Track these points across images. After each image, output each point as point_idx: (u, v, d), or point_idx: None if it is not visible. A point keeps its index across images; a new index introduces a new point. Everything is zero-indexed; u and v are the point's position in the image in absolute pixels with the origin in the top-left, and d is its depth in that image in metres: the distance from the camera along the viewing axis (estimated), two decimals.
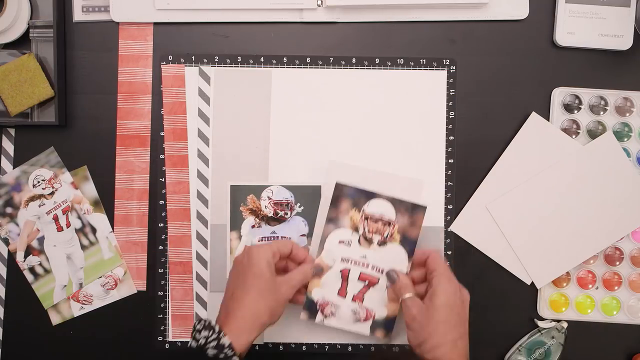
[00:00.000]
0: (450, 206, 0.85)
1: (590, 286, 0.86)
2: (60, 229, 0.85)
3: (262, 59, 0.85)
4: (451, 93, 0.85)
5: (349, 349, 0.85)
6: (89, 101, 0.85)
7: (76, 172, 0.85)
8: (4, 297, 0.85)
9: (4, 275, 0.85)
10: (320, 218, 0.84)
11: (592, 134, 0.85)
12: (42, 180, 0.85)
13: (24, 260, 0.85)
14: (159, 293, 0.85)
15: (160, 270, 0.85)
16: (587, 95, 0.85)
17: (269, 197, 0.84)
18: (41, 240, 0.85)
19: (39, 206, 0.85)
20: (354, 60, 0.85)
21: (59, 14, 0.83)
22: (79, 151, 0.85)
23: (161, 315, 0.85)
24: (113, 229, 0.85)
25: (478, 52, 0.86)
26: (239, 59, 0.85)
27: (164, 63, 0.85)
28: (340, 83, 0.85)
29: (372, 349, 0.85)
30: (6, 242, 0.85)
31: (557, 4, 0.84)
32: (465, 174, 0.85)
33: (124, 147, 0.85)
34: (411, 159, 0.85)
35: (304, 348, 0.85)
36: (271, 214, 0.85)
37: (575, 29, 0.84)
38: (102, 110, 0.85)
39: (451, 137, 0.85)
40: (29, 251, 0.85)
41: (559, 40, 0.85)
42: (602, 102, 0.85)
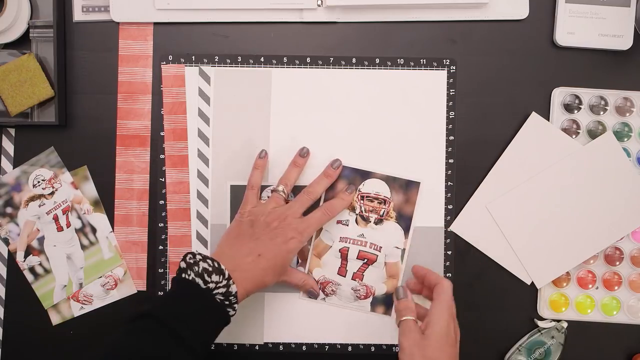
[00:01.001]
0: (450, 206, 0.85)
1: (590, 286, 0.86)
2: (60, 229, 0.85)
3: (262, 59, 0.85)
4: (451, 93, 0.85)
5: (349, 349, 0.85)
6: (89, 101, 0.85)
7: (76, 172, 0.85)
8: (3, 297, 0.85)
9: (4, 275, 0.85)
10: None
11: (592, 134, 0.85)
12: (42, 180, 0.85)
13: (24, 260, 0.85)
14: (159, 293, 0.85)
15: (160, 270, 0.85)
16: (587, 95, 0.85)
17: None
18: (41, 240, 0.85)
19: (39, 206, 0.85)
20: (354, 60, 0.85)
21: (59, 14, 0.83)
22: (79, 151, 0.85)
23: None
24: (113, 229, 0.85)
25: (478, 52, 0.86)
26: (239, 59, 0.85)
27: (164, 63, 0.85)
28: (340, 83, 0.85)
29: (372, 349, 0.85)
30: (6, 242, 0.85)
31: (557, 4, 0.84)
32: (465, 174, 0.85)
33: (124, 147, 0.85)
34: (411, 159, 0.85)
35: (304, 348, 0.85)
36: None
37: (575, 29, 0.84)
38: (102, 110, 0.85)
39: (451, 137, 0.85)
40: (29, 251, 0.85)
41: (559, 40, 0.85)
42: (602, 102, 0.85)
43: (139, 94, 0.85)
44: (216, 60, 0.85)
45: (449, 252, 0.85)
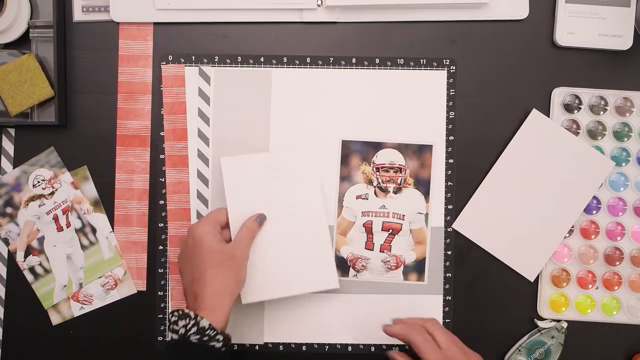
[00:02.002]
0: (450, 206, 0.85)
1: (590, 286, 0.86)
2: (60, 229, 0.85)
3: (262, 59, 0.85)
4: (451, 93, 0.85)
5: (349, 349, 0.85)
6: (89, 101, 0.85)
7: (76, 172, 0.85)
8: (3, 297, 0.85)
9: (4, 275, 0.85)
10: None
11: (592, 134, 0.85)
12: (42, 180, 0.85)
13: (24, 260, 0.85)
14: (159, 293, 0.85)
15: (160, 270, 0.85)
16: (587, 95, 0.85)
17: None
18: (41, 240, 0.85)
19: (39, 206, 0.85)
20: (354, 60, 0.85)
21: (59, 14, 0.83)
22: (79, 151, 0.85)
23: (161, 315, 0.85)
24: (113, 229, 0.85)
25: (478, 52, 0.86)
26: (239, 59, 0.85)
27: (164, 63, 0.85)
28: (340, 83, 0.85)
29: (372, 349, 0.85)
30: (6, 242, 0.85)
31: (557, 4, 0.84)
32: (465, 174, 0.85)
33: (123, 147, 0.85)
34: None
35: (304, 348, 0.85)
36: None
37: (575, 29, 0.84)
38: (102, 110, 0.85)
39: (451, 137, 0.85)
40: (29, 251, 0.85)
41: (559, 40, 0.85)
42: (602, 102, 0.85)
43: (139, 94, 0.85)
44: (216, 60, 0.85)
45: (449, 252, 0.85)
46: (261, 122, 0.85)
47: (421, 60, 0.85)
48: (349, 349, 0.85)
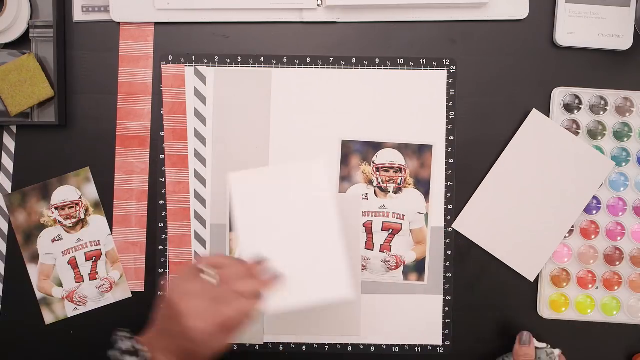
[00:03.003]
0: (450, 206, 0.85)
1: (590, 286, 0.86)
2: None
3: (262, 59, 0.85)
4: (451, 93, 0.85)
5: (349, 349, 0.85)
6: (89, 101, 0.85)
7: (78, 173, 0.85)
8: (0, 295, 0.85)
9: (2, 273, 0.85)
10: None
11: (592, 134, 0.85)
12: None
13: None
14: (160, 293, 0.85)
15: (160, 270, 0.85)
16: (587, 95, 0.85)
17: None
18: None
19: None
20: (354, 60, 0.85)
21: (59, 14, 0.83)
22: (79, 151, 0.85)
23: None
24: (112, 230, 0.85)
25: (478, 52, 0.86)
26: (239, 59, 0.85)
27: (164, 63, 0.85)
28: (340, 83, 0.85)
29: (372, 349, 0.85)
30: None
31: (557, 4, 0.84)
32: (465, 174, 0.85)
33: (123, 147, 0.85)
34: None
35: (304, 348, 0.85)
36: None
37: (575, 29, 0.84)
38: (102, 111, 0.85)
39: (451, 137, 0.85)
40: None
41: (559, 40, 0.85)
42: (602, 102, 0.85)
43: (140, 94, 0.85)
44: (216, 60, 0.85)
45: (449, 252, 0.85)
46: (261, 122, 0.85)
47: (421, 60, 0.85)
48: (349, 349, 0.85)
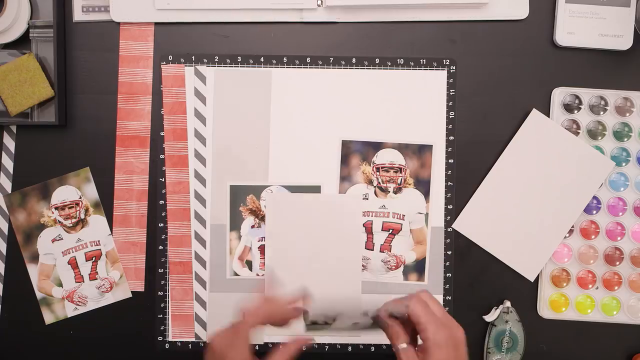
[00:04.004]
0: (450, 206, 0.85)
1: (590, 286, 0.86)
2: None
3: (262, 59, 0.85)
4: (451, 93, 0.85)
5: (349, 349, 0.85)
6: (89, 101, 0.85)
7: (78, 173, 0.85)
8: (0, 295, 0.85)
9: (2, 273, 0.85)
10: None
11: (592, 134, 0.85)
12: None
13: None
14: (159, 293, 0.85)
15: (160, 270, 0.85)
16: (587, 95, 0.85)
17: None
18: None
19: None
20: (354, 60, 0.85)
21: (59, 14, 0.83)
22: (79, 151, 0.85)
23: (161, 315, 0.85)
24: (112, 230, 0.85)
25: (478, 52, 0.86)
26: (239, 59, 0.85)
27: (164, 63, 0.85)
28: (340, 83, 0.85)
29: (372, 349, 0.85)
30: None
31: (557, 4, 0.84)
32: (465, 174, 0.85)
33: (123, 147, 0.85)
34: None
35: (304, 348, 0.85)
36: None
37: (575, 29, 0.84)
38: (102, 111, 0.85)
39: (451, 137, 0.85)
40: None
41: (559, 40, 0.85)
42: (602, 102, 0.85)
43: (140, 94, 0.85)
44: (216, 60, 0.85)
45: (449, 252, 0.85)
46: (261, 122, 0.85)
47: (421, 60, 0.85)
48: (349, 349, 0.85)
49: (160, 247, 0.85)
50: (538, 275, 0.85)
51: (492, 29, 0.85)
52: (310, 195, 0.84)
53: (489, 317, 0.84)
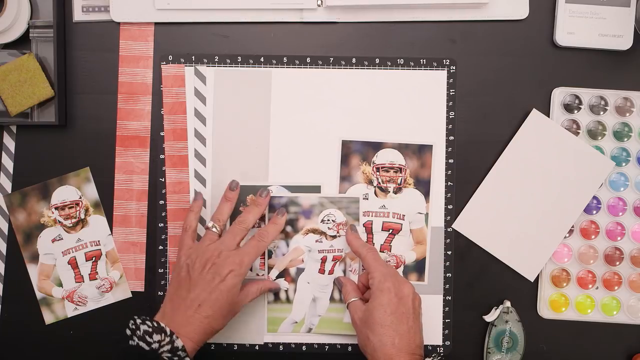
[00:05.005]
0: (450, 206, 0.85)
1: (590, 286, 0.86)
2: (322, 271, 0.84)
3: (262, 59, 0.85)
4: (451, 93, 0.85)
5: (349, 349, 0.85)
6: (89, 101, 0.85)
7: (78, 173, 0.85)
8: (0, 295, 0.85)
9: (2, 273, 0.85)
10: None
11: (592, 134, 0.85)
12: (332, 220, 0.84)
13: (275, 279, 0.84)
14: (159, 293, 0.85)
15: (160, 270, 0.85)
16: (587, 95, 0.85)
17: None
18: (300, 271, 0.84)
19: (315, 241, 0.84)
20: (354, 60, 0.85)
21: (59, 14, 0.83)
22: (79, 151, 0.85)
23: None
24: (112, 230, 0.85)
25: (478, 52, 0.86)
26: (239, 59, 0.85)
27: (164, 63, 0.85)
28: (340, 83, 0.85)
29: None
30: (270, 253, 0.84)
31: (557, 4, 0.84)
32: (465, 174, 0.85)
33: (123, 147, 0.85)
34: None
35: (304, 348, 0.85)
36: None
37: (575, 29, 0.84)
38: (102, 111, 0.85)
39: (451, 137, 0.85)
40: (282, 274, 0.84)
41: (559, 40, 0.85)
42: (602, 102, 0.85)
43: (140, 94, 0.85)
44: (216, 60, 0.85)
45: (449, 252, 0.85)
46: (261, 122, 0.85)
47: (421, 60, 0.85)
48: (349, 349, 0.85)
49: (160, 247, 0.85)
50: (538, 275, 0.85)
51: (492, 29, 0.85)
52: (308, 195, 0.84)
53: (489, 317, 0.84)
